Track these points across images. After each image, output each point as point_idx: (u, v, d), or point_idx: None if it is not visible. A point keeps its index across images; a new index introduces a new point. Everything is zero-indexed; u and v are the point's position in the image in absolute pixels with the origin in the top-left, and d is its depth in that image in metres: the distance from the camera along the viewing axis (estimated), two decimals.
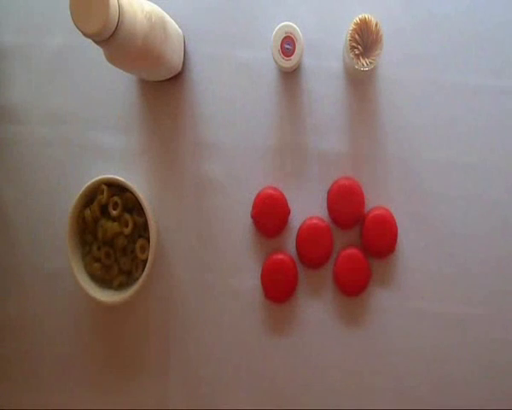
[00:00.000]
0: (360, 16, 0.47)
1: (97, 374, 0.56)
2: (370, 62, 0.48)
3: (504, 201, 0.52)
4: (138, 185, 0.52)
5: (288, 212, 0.52)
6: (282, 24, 0.48)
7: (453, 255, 0.52)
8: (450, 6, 0.52)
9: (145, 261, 0.51)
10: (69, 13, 0.35)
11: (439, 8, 0.52)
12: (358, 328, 0.53)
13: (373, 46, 0.47)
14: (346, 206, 0.51)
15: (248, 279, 0.54)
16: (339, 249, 0.53)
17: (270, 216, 0.52)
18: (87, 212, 0.52)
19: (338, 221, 0.52)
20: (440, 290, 0.53)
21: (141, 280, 0.51)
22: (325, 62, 0.52)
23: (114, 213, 0.51)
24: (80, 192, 0.51)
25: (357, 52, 0.47)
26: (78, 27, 0.35)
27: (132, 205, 0.52)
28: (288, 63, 0.48)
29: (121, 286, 0.53)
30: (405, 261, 0.53)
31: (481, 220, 0.52)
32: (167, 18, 0.47)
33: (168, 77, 0.52)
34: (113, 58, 0.42)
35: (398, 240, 0.52)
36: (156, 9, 0.44)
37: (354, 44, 0.47)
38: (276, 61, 0.49)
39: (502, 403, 0.53)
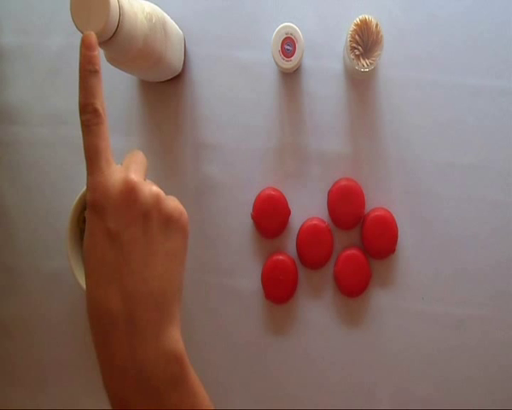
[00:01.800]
0: (360, 17, 0.47)
1: (97, 375, 0.56)
2: (371, 63, 0.48)
3: (504, 202, 0.52)
4: None
5: (288, 213, 0.52)
6: (283, 25, 0.48)
7: (453, 256, 0.52)
8: (451, 7, 0.52)
9: None
10: (70, 14, 0.35)
11: (439, 9, 0.52)
12: (359, 328, 0.53)
13: (373, 47, 0.47)
14: (347, 207, 0.51)
15: (248, 280, 0.54)
16: (339, 250, 0.53)
17: (270, 217, 0.52)
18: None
19: (338, 222, 0.52)
20: (440, 291, 0.53)
21: None
22: (325, 63, 0.52)
23: None
24: (81, 193, 0.51)
25: (357, 53, 0.47)
26: (78, 28, 0.36)
27: None
28: (288, 64, 0.48)
29: None
30: (405, 262, 0.53)
31: (481, 221, 0.52)
32: (168, 19, 0.47)
33: (168, 78, 0.52)
34: (113, 59, 0.42)
35: (399, 241, 0.52)
36: (157, 10, 0.44)
37: (354, 45, 0.47)
38: (276, 62, 0.49)
39: (502, 403, 0.53)
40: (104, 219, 0.31)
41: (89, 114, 0.33)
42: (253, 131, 0.53)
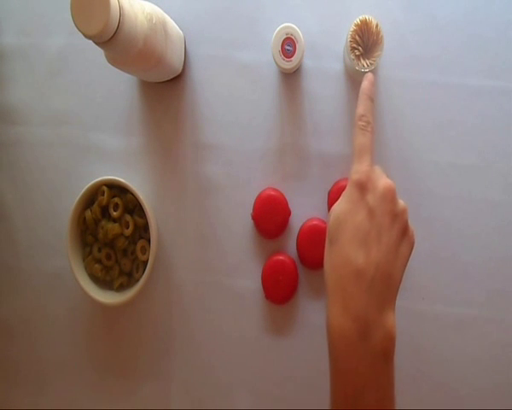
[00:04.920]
0: (361, 17, 0.47)
1: (97, 375, 0.56)
2: (371, 63, 0.48)
3: (505, 201, 0.52)
4: (139, 186, 0.52)
5: (288, 213, 0.52)
6: (283, 25, 0.48)
7: (454, 256, 0.52)
8: (451, 8, 0.52)
9: (146, 262, 0.51)
10: (70, 14, 0.35)
11: (439, 9, 0.52)
12: None
13: (373, 47, 0.48)
14: None
15: (249, 280, 0.54)
16: None
17: (270, 217, 0.52)
18: (88, 213, 0.52)
19: None
20: (440, 291, 0.53)
21: (141, 281, 0.51)
22: (326, 64, 0.52)
23: (115, 214, 0.51)
24: (81, 193, 0.51)
25: (357, 53, 0.48)
26: (78, 29, 0.36)
27: (133, 206, 0.52)
28: (288, 64, 0.48)
29: (122, 287, 0.53)
30: None
31: (482, 221, 0.52)
32: (168, 19, 0.47)
33: (169, 78, 0.52)
34: (113, 59, 0.42)
35: None
36: (157, 11, 0.44)
37: (355, 45, 0.47)
38: (276, 63, 0.49)
39: (502, 404, 0.53)
40: (366, 197, 0.38)
41: (364, 123, 0.41)
42: (253, 131, 0.53)
